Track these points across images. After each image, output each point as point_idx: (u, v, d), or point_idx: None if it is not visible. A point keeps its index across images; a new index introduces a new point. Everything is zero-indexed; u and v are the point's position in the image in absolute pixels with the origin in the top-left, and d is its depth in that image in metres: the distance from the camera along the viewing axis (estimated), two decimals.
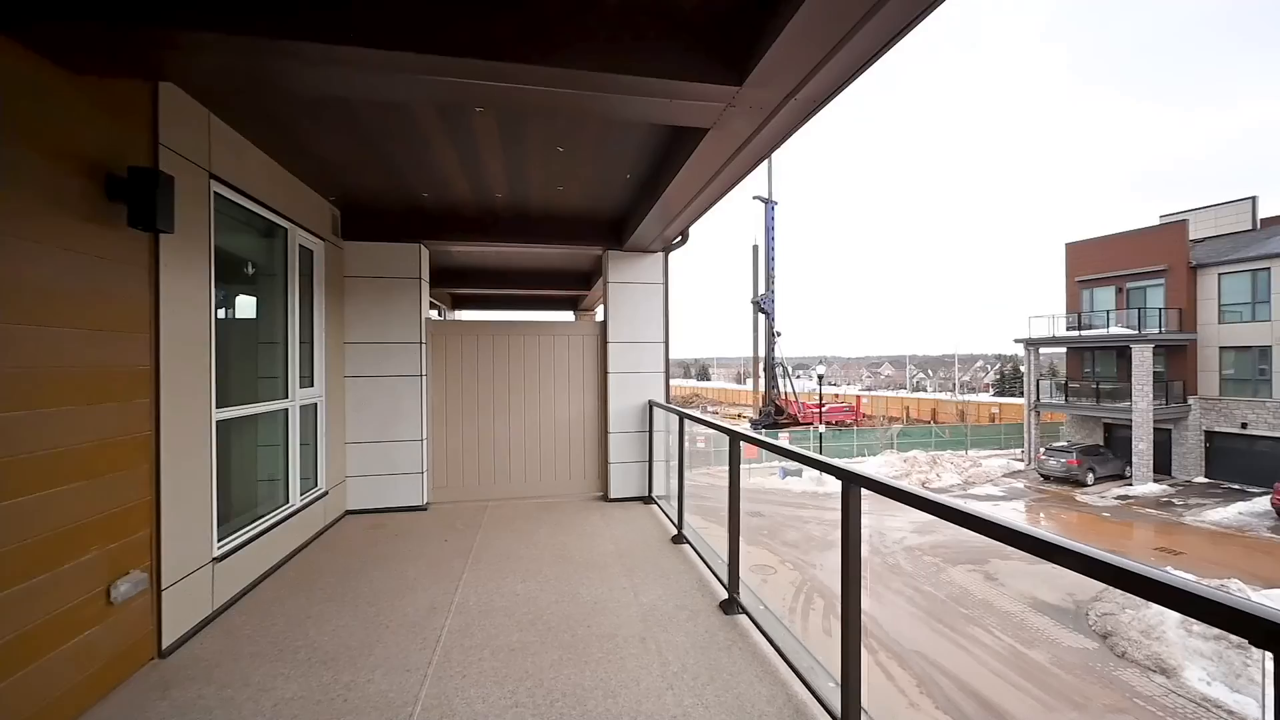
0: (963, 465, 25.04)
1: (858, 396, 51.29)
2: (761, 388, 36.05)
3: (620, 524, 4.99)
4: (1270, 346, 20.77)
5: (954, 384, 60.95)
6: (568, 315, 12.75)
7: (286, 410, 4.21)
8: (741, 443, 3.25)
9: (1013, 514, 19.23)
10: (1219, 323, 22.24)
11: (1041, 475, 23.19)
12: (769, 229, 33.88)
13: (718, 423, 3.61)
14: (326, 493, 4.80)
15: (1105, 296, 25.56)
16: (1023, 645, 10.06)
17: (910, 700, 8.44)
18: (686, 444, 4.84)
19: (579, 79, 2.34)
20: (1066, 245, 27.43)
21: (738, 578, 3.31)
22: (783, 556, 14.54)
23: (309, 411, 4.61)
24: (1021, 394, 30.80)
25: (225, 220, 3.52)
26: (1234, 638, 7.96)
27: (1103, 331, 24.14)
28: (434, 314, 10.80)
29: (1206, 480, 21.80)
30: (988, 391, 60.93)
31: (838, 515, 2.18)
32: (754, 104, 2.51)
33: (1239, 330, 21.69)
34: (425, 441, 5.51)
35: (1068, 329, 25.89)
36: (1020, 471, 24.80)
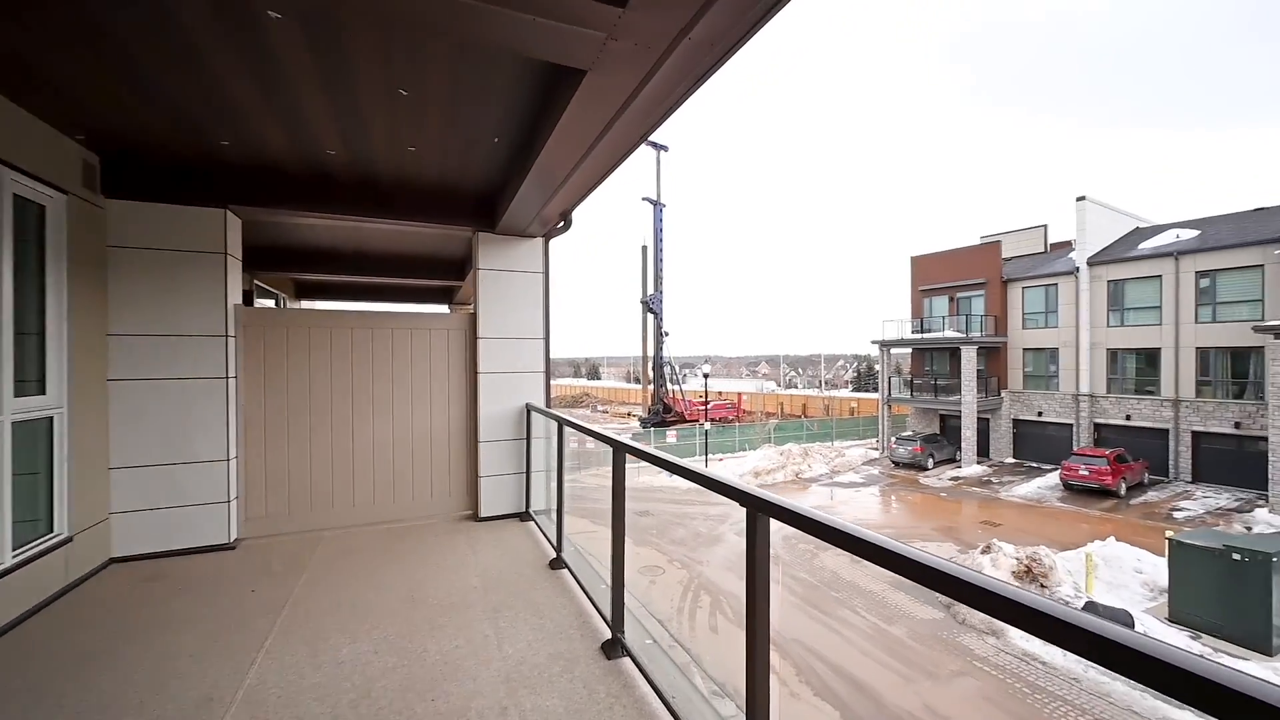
0: (830, 456, 27.29)
1: (738, 394, 54.23)
2: (651, 386, 36.56)
3: (490, 549, 4.29)
4: (1058, 349, 25.24)
5: (820, 381, 67.02)
6: (441, 309, 11.52)
7: None
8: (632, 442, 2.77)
9: (873, 505, 21.23)
10: (1023, 328, 26.59)
11: (893, 462, 26.02)
12: (657, 231, 34.43)
13: (601, 431, 3.10)
14: (71, 538, 3.50)
15: (941, 304, 29.42)
16: (884, 622, 10.90)
17: (791, 690, 8.66)
18: (575, 444, 4.25)
19: None
20: (911, 258, 31.16)
21: (623, 613, 2.82)
22: (670, 555, 14.54)
23: (37, 429, 3.31)
24: (876, 390, 34.49)
25: None
26: (1045, 596, 9.23)
27: (939, 334, 27.72)
28: (269, 304, 9.07)
29: (1014, 460, 25.96)
30: (848, 388, 67.83)
31: (723, 509, 1.82)
32: (641, 38, 2.02)
33: (1036, 335, 26.11)
34: (235, 461, 4.34)
35: (912, 332, 29.42)
36: (876, 459, 27.62)
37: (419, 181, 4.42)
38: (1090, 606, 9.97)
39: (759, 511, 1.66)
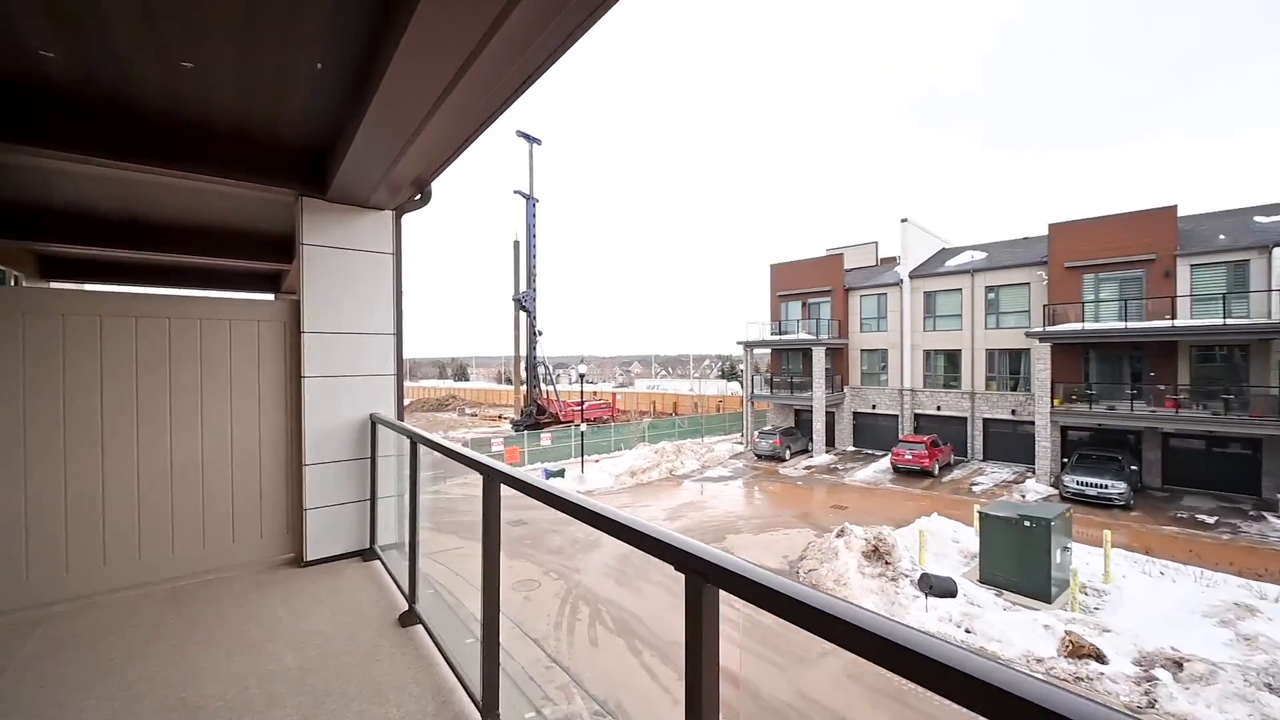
0: (700, 452, 28.43)
1: (613, 393, 54.60)
2: (524, 387, 35.12)
3: (316, 607, 3.29)
4: (887, 350, 29.00)
5: (690, 380, 70.27)
6: (267, 298, 9.52)
7: None
8: (505, 445, 2.14)
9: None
10: (860, 331, 30.13)
11: (756, 455, 27.87)
12: (530, 226, 33.18)
13: (471, 455, 2.40)
14: None
15: (796, 309, 32.24)
16: (756, 611, 11.27)
17: (675, 697, 8.48)
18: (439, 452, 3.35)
19: None
20: (771, 266, 33.74)
21: (497, 685, 2.16)
22: (546, 566, 13.79)
23: None
24: (740, 387, 36.78)
25: None
26: (890, 572, 9.93)
27: (794, 337, 30.34)
28: None
29: (855, 449, 29.30)
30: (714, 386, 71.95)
31: None
32: None
33: (871, 338, 29.75)
34: None
35: (771, 334, 31.85)
36: (741, 453, 29.38)
37: (208, 118, 3.26)
38: (925, 578, 11.29)
39: (705, 580, 1.16)
